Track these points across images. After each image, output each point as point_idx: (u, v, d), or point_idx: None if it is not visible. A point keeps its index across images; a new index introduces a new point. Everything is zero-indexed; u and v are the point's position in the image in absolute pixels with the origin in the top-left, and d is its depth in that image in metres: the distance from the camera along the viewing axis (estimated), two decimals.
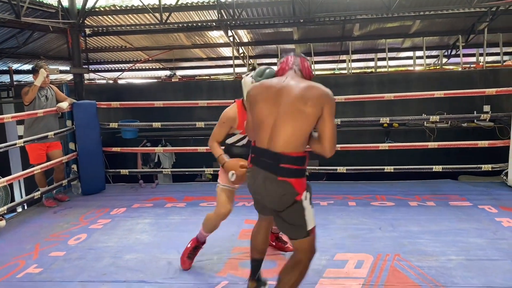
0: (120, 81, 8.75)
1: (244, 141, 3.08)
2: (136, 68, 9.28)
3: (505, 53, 7.91)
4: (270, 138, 2.19)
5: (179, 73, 9.08)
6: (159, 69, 9.44)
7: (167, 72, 9.29)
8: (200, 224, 4.13)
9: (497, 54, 7.82)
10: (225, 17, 6.06)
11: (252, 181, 2.33)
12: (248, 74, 3.01)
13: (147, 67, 9.45)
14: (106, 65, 9.22)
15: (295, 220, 2.25)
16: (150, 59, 8.63)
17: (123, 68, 9.28)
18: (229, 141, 3.10)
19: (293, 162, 2.17)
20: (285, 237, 3.48)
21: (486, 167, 5.18)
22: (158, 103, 5.62)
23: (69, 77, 8.95)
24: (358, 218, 4.25)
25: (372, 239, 3.68)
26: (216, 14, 6.05)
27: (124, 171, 5.80)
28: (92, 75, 8.91)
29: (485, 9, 6.10)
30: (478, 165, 5.18)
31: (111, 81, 8.52)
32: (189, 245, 3.29)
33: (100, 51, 8.24)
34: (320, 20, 6.45)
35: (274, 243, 3.52)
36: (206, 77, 8.85)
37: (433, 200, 4.74)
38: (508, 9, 5.92)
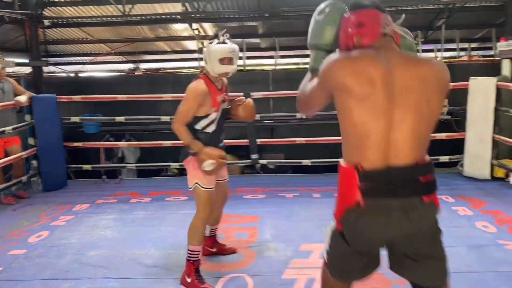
0: (81, 75, 8.52)
1: (214, 126, 2.81)
2: (98, 61, 9.06)
3: (461, 49, 8.22)
4: (389, 149, 1.48)
5: (143, 66, 8.93)
6: (122, 62, 9.25)
7: (130, 65, 9.13)
8: (165, 219, 4.15)
9: (453, 49, 8.11)
10: (190, 10, 6.01)
11: (375, 224, 1.51)
12: (213, 42, 2.79)
13: (109, 60, 9.24)
14: (66, 58, 8.95)
15: (443, 257, 1.62)
16: (112, 51, 8.44)
17: (84, 61, 9.03)
18: (198, 126, 2.76)
19: (431, 170, 1.56)
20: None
21: (444, 158, 5.39)
22: (122, 97, 5.52)
23: (27, 70, 8.63)
24: (322, 209, 4.33)
25: None
26: (181, 6, 5.99)
27: (87, 167, 5.68)
28: (51, 68, 8.62)
29: (442, 6, 6.32)
30: (436, 157, 5.39)
31: (72, 75, 8.27)
32: (188, 279, 2.83)
33: (60, 43, 7.98)
34: (285, 14, 6.49)
35: (215, 249, 3.28)
36: (171, 71, 8.74)
37: None
38: (464, 7, 6.16)
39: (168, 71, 8.78)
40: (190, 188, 2.85)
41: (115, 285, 2.93)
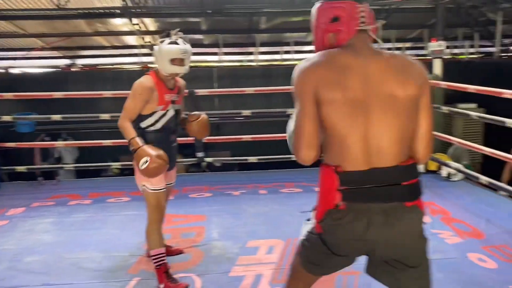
0: (12, 71, 8.00)
1: (160, 125, 2.72)
2: (31, 56, 8.54)
3: (396, 49, 8.61)
4: (369, 150, 1.41)
5: (80, 62, 8.54)
6: (57, 57, 8.79)
7: (66, 61, 8.71)
8: (107, 221, 4.02)
9: (389, 49, 8.49)
10: (130, 5, 5.83)
11: (354, 228, 1.45)
12: (164, 41, 2.68)
13: (43, 55, 8.74)
14: None
15: (426, 263, 1.59)
16: (47, 46, 7.99)
17: (15, 56, 8.48)
18: (143, 124, 2.68)
19: (415, 173, 1.48)
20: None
21: None
22: (58, 94, 5.25)
23: None
24: (268, 206, 4.39)
25: (282, 225, 3.83)
26: (121, 1, 5.80)
27: (21, 168, 5.35)
28: None
29: (379, 7, 6.58)
30: None
31: (2, 70, 7.75)
32: (161, 285, 2.72)
33: None
34: (228, 11, 6.48)
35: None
36: (110, 67, 8.44)
37: None
38: (400, 8, 6.46)
39: (107, 67, 8.47)
40: (139, 189, 2.80)
41: None
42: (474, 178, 4.61)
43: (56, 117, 5.21)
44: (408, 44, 8.96)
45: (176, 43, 2.67)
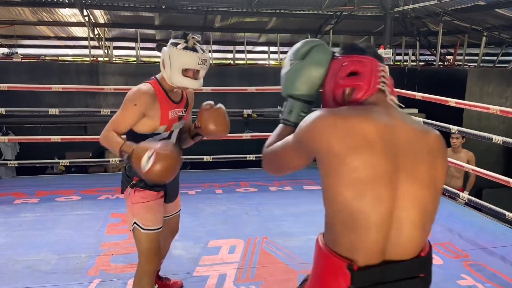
0: None
1: (166, 135, 2.20)
2: None
3: None
4: (387, 237, 1.10)
5: (21, 51, 8.07)
6: None
7: (5, 50, 8.18)
8: (58, 221, 3.84)
9: None
10: None
11: None
12: (176, 43, 2.07)
13: None
14: None
15: None
16: None
17: None
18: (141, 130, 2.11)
19: (430, 263, 1.21)
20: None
21: None
22: (3, 86, 4.92)
23: None
24: (225, 205, 4.41)
25: (241, 224, 3.88)
26: None
27: None
28: None
29: (331, 13, 6.82)
30: None
31: None
32: None
33: None
34: (183, 8, 6.41)
35: (156, 286, 2.47)
36: (54, 58, 8.05)
37: (289, 185, 5.18)
38: (350, 15, 6.73)
39: (51, 58, 8.07)
40: (130, 228, 2.20)
41: None
42: None
43: (0, 110, 4.89)
44: None
45: (195, 50, 2.04)
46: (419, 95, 4.73)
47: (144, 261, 2.19)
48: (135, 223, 2.14)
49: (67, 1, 5.95)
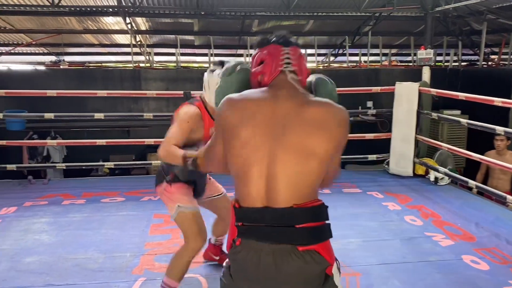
0: None
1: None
2: (16, 52, 8.39)
3: (383, 55, 8.81)
4: (269, 188, 1.36)
5: (67, 59, 8.43)
6: (43, 54, 8.65)
7: (52, 58, 8.58)
8: (104, 222, 4.00)
9: (376, 55, 8.68)
10: (124, 4, 5.82)
11: (246, 266, 1.40)
12: (213, 70, 2.38)
13: (29, 51, 8.59)
14: None
15: None
16: (33, 42, 7.86)
17: (0, 51, 8.31)
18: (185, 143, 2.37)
19: (314, 216, 1.40)
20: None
21: (372, 157, 5.78)
22: (51, 92, 5.19)
23: None
24: None
25: None
26: None
27: (11, 167, 5.26)
28: None
29: (369, 14, 6.74)
30: (365, 155, 5.77)
31: None
32: None
33: None
34: (222, 13, 6.52)
35: (218, 257, 3.08)
36: (98, 65, 8.36)
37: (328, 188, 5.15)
38: (389, 16, 6.63)
39: (96, 65, 8.39)
40: (173, 216, 2.50)
41: None
42: (463, 183, 4.78)
43: (49, 115, 5.15)
44: (393, 50, 9.17)
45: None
46: (462, 95, 4.61)
47: (192, 238, 2.46)
48: (178, 206, 2.45)
49: (111, 10, 6.18)
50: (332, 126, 1.40)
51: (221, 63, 2.30)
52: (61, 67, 7.37)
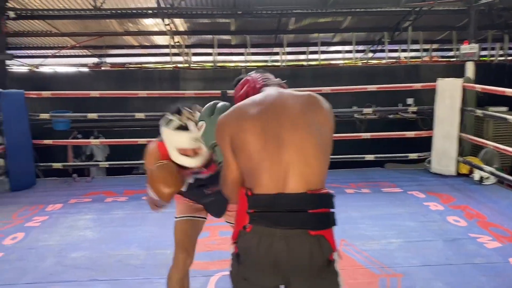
0: (43, 69, 8.16)
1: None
2: (60, 54, 8.72)
3: (424, 50, 8.55)
4: (283, 175, 1.44)
5: (109, 60, 8.67)
6: (86, 56, 8.94)
7: (95, 60, 8.84)
8: (146, 219, 4.10)
9: (416, 50, 8.43)
10: (163, 5, 5.93)
11: (258, 252, 1.46)
12: (169, 122, 2.03)
13: (72, 54, 8.90)
14: (26, 51, 8.54)
15: None
16: (77, 45, 8.14)
17: (45, 54, 8.65)
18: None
19: (324, 203, 1.50)
20: None
21: (413, 155, 5.63)
22: (94, 93, 5.38)
23: None
24: None
25: None
26: (153, 1, 5.91)
27: (57, 165, 5.49)
28: (8, 61, 8.18)
29: (409, 9, 6.56)
30: (406, 154, 5.63)
31: (36, 69, 7.91)
32: None
33: (20, 36, 7.61)
34: (258, 12, 6.53)
35: None
36: (138, 66, 8.55)
37: (367, 187, 5.07)
38: (430, 10, 6.42)
39: (136, 66, 8.59)
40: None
41: (104, 287, 2.89)
42: (510, 182, 4.58)
43: (93, 115, 5.34)
44: (435, 46, 8.88)
45: (186, 128, 2.04)
46: (509, 91, 4.41)
47: (175, 251, 2.40)
48: (175, 216, 2.43)
49: (150, 12, 6.31)
50: (326, 111, 1.56)
51: (178, 111, 2.05)
52: (103, 68, 7.60)
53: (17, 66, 8.32)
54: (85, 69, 7.86)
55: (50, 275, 3.05)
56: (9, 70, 6.66)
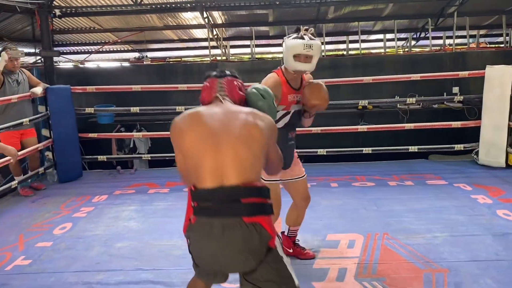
0: (87, 64, 8.43)
1: (281, 123, 2.66)
2: (103, 50, 8.97)
3: (470, 37, 8.18)
4: (219, 171, 1.68)
5: (149, 55, 8.84)
6: (127, 51, 9.16)
7: (136, 54, 9.04)
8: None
9: (462, 37, 8.08)
10: None
11: (199, 240, 1.72)
12: (290, 36, 2.61)
13: (115, 49, 9.14)
14: (71, 47, 8.85)
15: (276, 277, 1.70)
16: (119, 40, 8.35)
17: (89, 50, 8.93)
18: None
19: (257, 193, 1.72)
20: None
21: (459, 146, 5.42)
22: (136, 87, 5.50)
23: (31, 59, 8.55)
24: (342, 199, 4.36)
25: (359, 219, 3.80)
26: None
27: (102, 158, 5.67)
28: (55, 58, 8.50)
29: None
30: (451, 145, 5.42)
31: (81, 65, 8.19)
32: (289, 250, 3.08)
33: (65, 33, 7.88)
34: (297, 2, 6.44)
35: (291, 250, 3.11)
36: (178, 60, 8.67)
37: (410, 179, 4.93)
38: None
39: (175, 60, 8.71)
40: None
41: (148, 276, 2.96)
42: None
43: (135, 109, 5.46)
44: (483, 31, 8.48)
45: (302, 38, 2.57)
46: None
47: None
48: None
49: (189, 5, 6.36)
50: (256, 120, 1.78)
51: (297, 30, 2.63)
52: (144, 63, 7.74)
53: (63, 63, 8.66)
54: (127, 64, 8.05)
55: (97, 264, 3.15)
56: (56, 66, 6.92)
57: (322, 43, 7.94)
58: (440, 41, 8.24)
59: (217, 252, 1.67)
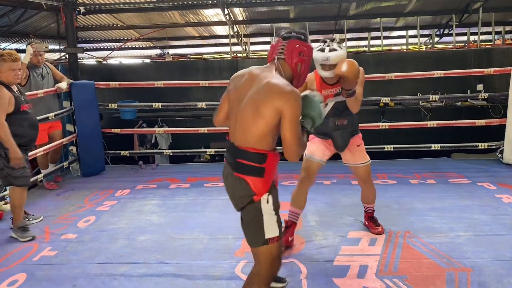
0: (110, 60, 8.57)
1: (326, 111, 2.74)
2: (126, 47, 9.09)
3: (496, 33, 8.01)
4: (234, 130, 2.10)
5: (171, 51, 8.93)
6: (150, 47, 9.26)
7: (158, 51, 9.14)
8: (207, 205, 4.21)
9: (488, 33, 7.92)
10: None
11: (223, 175, 2.21)
12: (316, 47, 2.91)
13: (137, 46, 9.26)
14: (94, 44, 9.00)
15: (250, 223, 2.10)
16: (141, 37, 8.45)
17: (112, 47, 9.07)
18: None
19: (250, 158, 2.02)
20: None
21: (483, 145, 5.32)
22: (158, 83, 5.57)
23: (56, 56, 8.73)
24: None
25: (380, 217, 3.75)
26: None
27: (125, 153, 5.76)
28: (79, 54, 8.65)
29: None
30: (475, 143, 5.33)
31: (104, 62, 8.32)
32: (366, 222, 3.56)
33: (89, 30, 8.02)
34: None
35: (366, 222, 3.56)
36: (199, 56, 8.73)
37: (432, 177, 4.86)
38: None
39: (197, 56, 8.77)
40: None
41: (170, 269, 3.01)
42: None
43: (157, 105, 5.53)
44: (508, 28, 8.29)
45: (322, 51, 2.95)
46: None
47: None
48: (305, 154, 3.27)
49: (210, 2, 6.39)
50: (271, 98, 1.96)
51: (324, 41, 3.00)
52: (166, 59, 7.82)
53: (87, 59, 8.81)
54: (149, 61, 8.14)
55: (121, 257, 3.22)
56: (79, 62, 7.05)
57: (343, 40, 7.89)
58: (464, 38, 8.10)
59: (227, 190, 2.18)
